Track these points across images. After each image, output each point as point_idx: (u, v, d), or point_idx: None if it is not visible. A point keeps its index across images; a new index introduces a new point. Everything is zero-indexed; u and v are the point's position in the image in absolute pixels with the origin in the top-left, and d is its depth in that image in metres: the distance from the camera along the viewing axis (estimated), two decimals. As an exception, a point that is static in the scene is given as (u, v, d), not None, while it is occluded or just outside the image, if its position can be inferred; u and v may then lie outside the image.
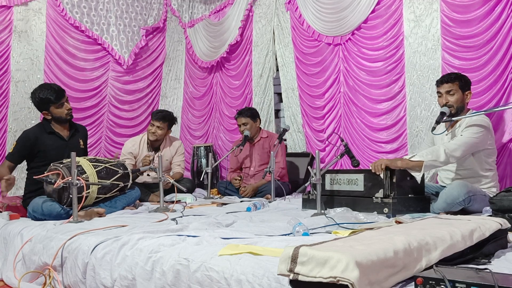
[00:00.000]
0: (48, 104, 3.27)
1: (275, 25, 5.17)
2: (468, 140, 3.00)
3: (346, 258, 1.24)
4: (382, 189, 2.96)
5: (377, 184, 3.00)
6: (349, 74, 4.54)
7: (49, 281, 2.26)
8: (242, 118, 4.51)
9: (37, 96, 3.27)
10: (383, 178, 2.96)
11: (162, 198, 3.35)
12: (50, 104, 3.27)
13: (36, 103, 3.31)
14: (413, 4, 4.09)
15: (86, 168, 3.10)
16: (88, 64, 5.43)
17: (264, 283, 1.57)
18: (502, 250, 1.91)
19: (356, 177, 3.12)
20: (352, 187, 3.14)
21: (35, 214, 2.99)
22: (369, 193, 3.02)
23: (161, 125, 4.28)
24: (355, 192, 3.11)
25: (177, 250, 1.92)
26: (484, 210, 2.90)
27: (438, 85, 3.26)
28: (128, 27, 5.69)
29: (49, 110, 3.29)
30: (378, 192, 2.97)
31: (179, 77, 6.11)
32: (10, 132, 4.81)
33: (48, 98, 3.25)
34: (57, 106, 3.29)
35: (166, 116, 4.33)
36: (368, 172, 3.07)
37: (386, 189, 2.95)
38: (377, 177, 2.99)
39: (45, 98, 3.25)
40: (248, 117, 4.50)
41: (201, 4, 5.88)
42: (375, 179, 3.01)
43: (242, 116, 4.52)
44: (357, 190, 3.10)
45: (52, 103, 3.27)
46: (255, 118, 4.54)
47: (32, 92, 3.34)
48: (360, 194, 3.08)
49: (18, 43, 4.89)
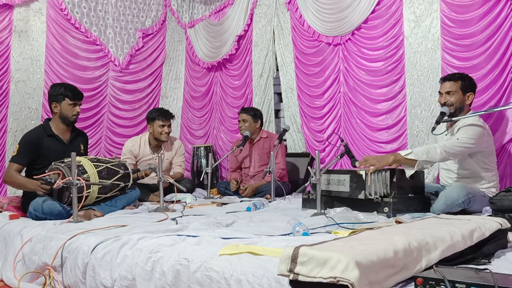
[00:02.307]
0: (64, 98, 3.37)
1: (275, 25, 5.17)
2: (464, 142, 3.00)
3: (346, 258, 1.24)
4: (364, 191, 2.95)
5: (360, 185, 2.99)
6: (349, 74, 4.54)
7: (49, 281, 2.26)
8: (244, 114, 4.53)
9: (58, 88, 3.41)
10: (365, 181, 2.95)
11: (162, 198, 3.36)
12: (65, 99, 3.37)
13: (53, 93, 3.40)
14: (413, 4, 4.09)
15: (88, 168, 3.10)
16: (89, 64, 5.43)
17: (264, 283, 1.57)
18: (502, 250, 1.91)
19: (344, 178, 3.12)
20: (340, 188, 3.14)
21: (36, 213, 3.00)
22: (354, 194, 3.02)
23: (171, 124, 4.40)
24: (343, 193, 3.10)
25: (177, 250, 1.92)
26: (484, 210, 2.90)
27: (441, 83, 3.28)
28: (124, 30, 5.69)
29: (61, 103, 3.37)
30: (361, 194, 2.97)
31: (179, 77, 6.10)
32: (10, 132, 4.81)
33: (67, 93, 3.38)
34: (70, 104, 3.37)
35: (172, 114, 4.47)
36: (353, 172, 3.07)
37: (366, 191, 2.94)
38: (360, 178, 2.99)
39: (65, 92, 3.38)
40: (250, 115, 4.51)
41: (201, 4, 5.88)
42: (359, 180, 3.00)
43: (244, 113, 4.54)
44: (344, 191, 3.10)
45: (68, 97, 3.37)
46: (256, 118, 4.54)
47: (54, 84, 3.56)
48: (346, 195, 3.08)
49: (18, 43, 4.89)
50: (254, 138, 4.58)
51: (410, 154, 2.95)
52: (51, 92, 3.42)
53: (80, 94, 3.49)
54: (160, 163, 3.37)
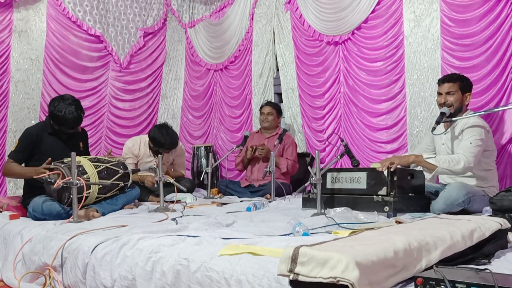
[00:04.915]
0: (59, 124, 3.26)
1: (275, 25, 5.17)
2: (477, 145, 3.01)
3: (346, 258, 1.24)
4: (386, 187, 2.96)
5: (380, 182, 3.00)
6: (349, 74, 4.54)
7: (49, 281, 2.26)
8: (270, 107, 4.63)
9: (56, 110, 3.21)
10: (386, 176, 2.96)
11: (162, 198, 3.36)
12: (60, 125, 3.27)
13: (51, 112, 3.26)
14: (413, 4, 4.09)
15: (87, 168, 3.10)
16: (89, 63, 5.42)
17: (264, 283, 1.57)
18: (502, 250, 1.91)
19: (359, 175, 3.12)
20: (354, 185, 3.14)
21: (35, 214, 2.99)
22: (372, 191, 3.02)
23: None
24: (357, 190, 3.10)
25: (177, 250, 1.92)
26: (484, 210, 2.90)
27: (440, 84, 3.29)
28: (125, 29, 5.69)
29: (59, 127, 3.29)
30: (381, 190, 2.98)
31: (179, 77, 6.10)
32: (10, 132, 4.81)
33: (64, 123, 3.24)
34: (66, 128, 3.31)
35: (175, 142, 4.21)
36: (371, 170, 3.08)
37: (389, 187, 2.95)
38: (380, 175, 3.00)
39: (61, 118, 3.22)
40: (275, 109, 4.64)
41: (201, 4, 5.88)
42: (378, 177, 3.01)
43: (270, 106, 4.64)
44: (360, 188, 3.10)
45: (65, 127, 3.28)
46: (279, 114, 4.71)
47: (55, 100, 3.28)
48: (362, 192, 3.07)
49: (18, 43, 4.89)
50: (271, 132, 4.66)
51: (432, 158, 2.98)
52: (51, 109, 3.26)
53: (78, 122, 3.33)
54: (160, 163, 3.37)
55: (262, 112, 4.67)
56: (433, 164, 2.96)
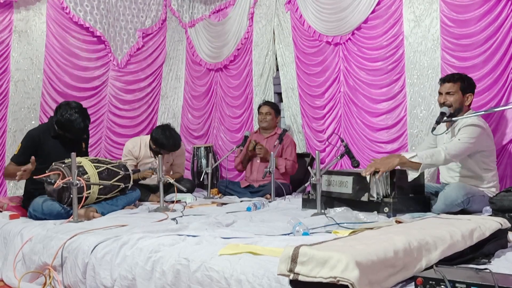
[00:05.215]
0: (64, 131, 3.28)
1: (275, 25, 5.16)
2: (465, 142, 3.01)
3: (346, 258, 1.24)
4: (367, 193, 2.96)
5: (363, 187, 3.00)
6: (349, 74, 4.54)
7: (49, 281, 2.26)
8: (268, 107, 4.62)
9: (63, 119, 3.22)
10: (369, 182, 2.95)
11: (162, 198, 3.36)
12: (65, 132, 3.28)
13: (57, 120, 3.26)
14: (413, 4, 4.09)
15: (88, 169, 3.10)
16: (89, 63, 5.42)
17: (264, 283, 1.58)
18: (502, 250, 1.91)
19: (346, 180, 3.12)
20: (342, 189, 3.14)
21: (36, 214, 3.00)
22: (356, 196, 3.02)
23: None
24: (345, 194, 3.11)
25: (177, 250, 1.92)
26: (484, 210, 2.90)
27: (441, 84, 3.29)
28: (124, 30, 5.69)
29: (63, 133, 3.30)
30: (364, 196, 2.97)
31: (179, 77, 6.10)
32: (9, 132, 4.80)
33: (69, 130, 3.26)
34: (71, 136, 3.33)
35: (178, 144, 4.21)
36: (357, 174, 3.07)
37: (370, 193, 2.95)
38: (364, 180, 2.99)
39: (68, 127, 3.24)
40: (273, 109, 4.64)
41: (201, 4, 5.88)
42: (362, 182, 3.01)
43: (268, 105, 4.64)
44: (346, 192, 3.10)
45: (69, 133, 3.30)
46: (278, 114, 4.71)
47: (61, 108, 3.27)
48: (348, 196, 3.08)
49: (18, 43, 4.88)
50: (270, 132, 4.66)
51: (414, 157, 2.94)
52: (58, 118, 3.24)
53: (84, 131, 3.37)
54: (160, 163, 3.37)
55: (260, 112, 4.66)
56: (417, 163, 2.92)
